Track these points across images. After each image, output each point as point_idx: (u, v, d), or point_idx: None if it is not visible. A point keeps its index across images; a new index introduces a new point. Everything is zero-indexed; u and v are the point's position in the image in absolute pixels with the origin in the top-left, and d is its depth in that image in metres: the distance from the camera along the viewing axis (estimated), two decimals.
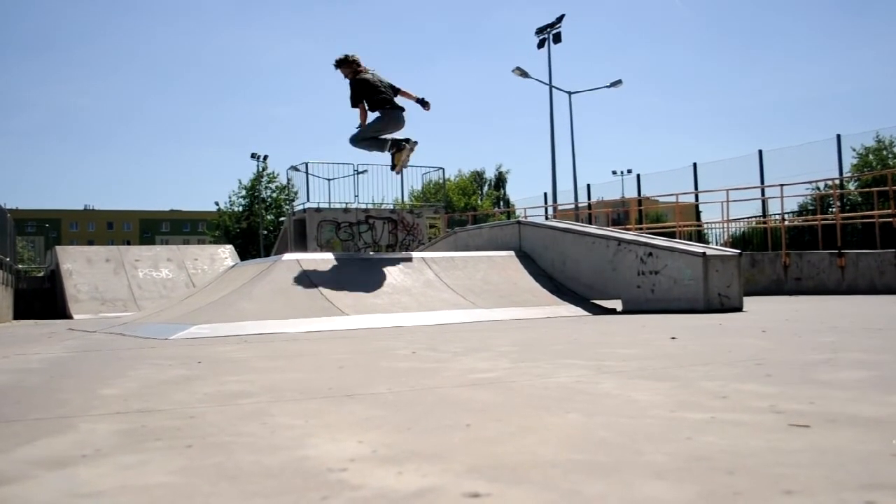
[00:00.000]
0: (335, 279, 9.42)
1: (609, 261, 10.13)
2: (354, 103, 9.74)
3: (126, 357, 5.18)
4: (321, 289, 9.08)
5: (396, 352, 4.92)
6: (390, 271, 9.99)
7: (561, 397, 2.69)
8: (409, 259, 10.58)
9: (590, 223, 28.43)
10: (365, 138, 9.86)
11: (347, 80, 9.82)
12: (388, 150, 10.04)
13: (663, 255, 9.50)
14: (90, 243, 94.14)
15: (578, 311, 9.66)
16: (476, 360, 4.17)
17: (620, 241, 10.13)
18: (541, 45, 33.33)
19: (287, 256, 9.92)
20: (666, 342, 4.93)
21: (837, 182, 20.81)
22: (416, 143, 9.94)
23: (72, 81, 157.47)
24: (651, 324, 7.18)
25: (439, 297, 9.56)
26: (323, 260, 10.02)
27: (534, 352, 4.58)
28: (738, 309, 9.13)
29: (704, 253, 9.13)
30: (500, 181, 58.20)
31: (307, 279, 9.22)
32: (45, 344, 7.19)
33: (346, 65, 9.82)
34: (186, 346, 6.04)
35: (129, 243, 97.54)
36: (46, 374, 4.15)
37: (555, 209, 29.72)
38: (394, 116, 9.69)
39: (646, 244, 9.80)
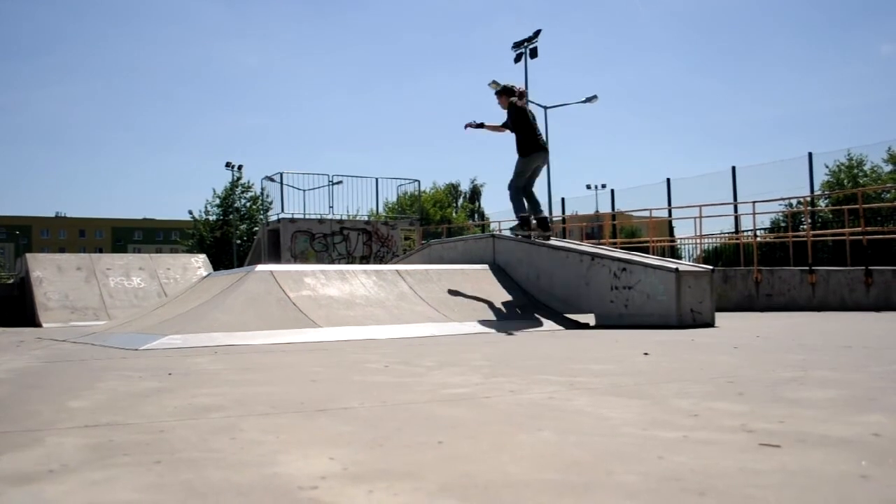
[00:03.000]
0: (309, 291, 9.38)
1: (582, 275, 10.16)
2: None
3: (96, 368, 5.12)
4: (294, 300, 9.03)
5: (369, 365, 4.90)
6: (364, 283, 9.97)
7: (533, 414, 2.69)
8: (384, 271, 10.56)
9: (564, 237, 28.52)
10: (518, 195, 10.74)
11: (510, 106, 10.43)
12: (530, 229, 10.97)
13: (637, 271, 9.54)
14: (61, 251, 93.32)
15: (552, 325, 9.67)
16: (449, 374, 4.16)
17: (594, 255, 10.17)
18: (517, 59, 33.48)
19: (260, 267, 9.86)
20: (638, 358, 4.95)
21: (809, 199, 21.04)
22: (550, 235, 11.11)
23: (44, 87, 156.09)
24: (624, 339, 7.20)
25: (413, 310, 9.54)
26: (297, 271, 9.97)
27: (506, 367, 4.58)
28: (711, 324, 9.18)
29: (677, 269, 9.18)
30: (475, 194, 58.31)
31: (280, 290, 9.17)
32: (12, 353, 7.09)
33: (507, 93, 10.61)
34: (157, 357, 5.98)
35: (101, 251, 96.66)
36: (13, 385, 4.10)
37: None
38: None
39: (619, 259, 9.84)
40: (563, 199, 31.88)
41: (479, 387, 3.53)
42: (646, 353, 5.21)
